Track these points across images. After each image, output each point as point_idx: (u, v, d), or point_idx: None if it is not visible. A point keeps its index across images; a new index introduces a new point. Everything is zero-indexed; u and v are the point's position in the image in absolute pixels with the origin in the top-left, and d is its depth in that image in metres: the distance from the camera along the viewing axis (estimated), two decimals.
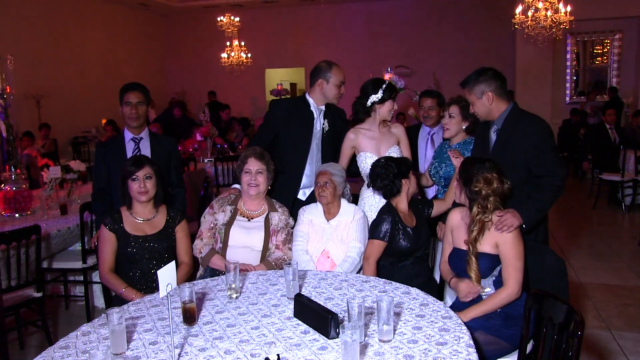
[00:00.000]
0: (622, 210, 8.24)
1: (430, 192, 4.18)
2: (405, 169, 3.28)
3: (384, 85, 3.72)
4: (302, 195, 3.97)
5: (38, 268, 3.80)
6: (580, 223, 7.76)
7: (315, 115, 3.89)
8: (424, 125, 4.52)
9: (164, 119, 11.40)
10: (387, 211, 3.25)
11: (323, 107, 3.91)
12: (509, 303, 2.67)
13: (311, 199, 3.90)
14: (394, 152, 3.74)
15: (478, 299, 2.74)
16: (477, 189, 2.71)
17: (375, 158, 3.66)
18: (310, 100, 3.88)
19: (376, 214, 3.39)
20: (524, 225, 2.84)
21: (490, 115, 3.25)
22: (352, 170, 3.85)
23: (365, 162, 3.70)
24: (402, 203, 3.29)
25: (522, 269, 2.68)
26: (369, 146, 3.75)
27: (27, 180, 4.78)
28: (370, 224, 3.36)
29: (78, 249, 4.51)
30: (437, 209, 3.46)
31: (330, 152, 3.96)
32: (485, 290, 2.73)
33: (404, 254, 3.20)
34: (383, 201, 3.40)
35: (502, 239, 2.68)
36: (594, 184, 8.83)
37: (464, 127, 3.70)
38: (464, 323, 2.23)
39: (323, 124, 3.92)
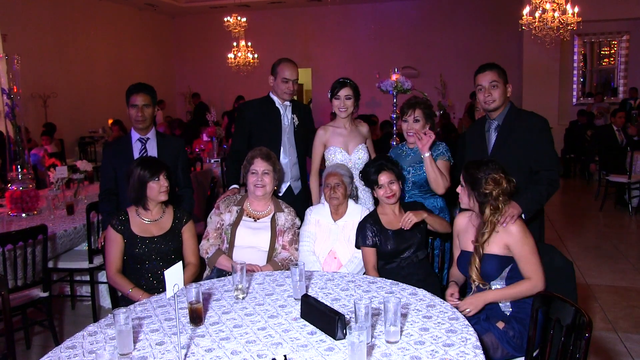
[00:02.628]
0: (629, 212, 8.20)
1: None
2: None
3: (334, 83, 3.83)
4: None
5: (44, 268, 3.80)
6: (587, 224, 7.73)
7: (281, 111, 4.01)
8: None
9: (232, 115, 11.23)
10: (366, 217, 3.32)
11: (288, 103, 4.04)
12: (530, 295, 2.62)
13: (288, 193, 3.99)
14: (362, 150, 3.83)
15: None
16: (487, 190, 2.69)
17: (344, 152, 3.78)
18: (274, 97, 4.02)
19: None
20: (523, 215, 2.85)
21: (499, 109, 3.31)
22: None
23: (335, 156, 3.80)
24: (385, 207, 3.30)
25: (540, 262, 2.66)
26: (338, 141, 3.84)
27: (33, 180, 4.79)
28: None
29: (84, 249, 4.52)
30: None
31: (303, 146, 4.12)
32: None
33: (389, 256, 3.22)
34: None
35: (512, 240, 2.67)
36: (601, 186, 8.80)
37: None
38: (472, 325, 2.22)
39: (293, 118, 4.04)
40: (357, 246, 3.28)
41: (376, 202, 3.50)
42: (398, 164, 3.41)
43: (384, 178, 3.20)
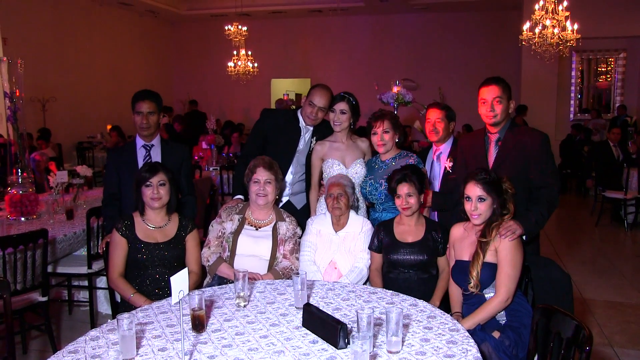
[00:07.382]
0: (625, 228, 8.25)
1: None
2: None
3: (334, 95, 3.83)
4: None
5: (44, 272, 3.81)
6: (583, 240, 7.77)
7: (302, 132, 3.96)
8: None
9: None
10: (383, 223, 3.39)
11: (310, 128, 3.97)
12: (501, 310, 2.72)
13: (290, 209, 3.89)
14: (359, 165, 3.80)
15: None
16: (505, 186, 2.85)
17: (342, 166, 3.77)
18: (300, 117, 3.96)
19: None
20: (524, 237, 2.87)
21: (501, 123, 3.30)
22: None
23: (332, 169, 3.78)
24: (403, 217, 3.31)
25: (516, 278, 2.72)
26: (335, 155, 3.83)
27: (33, 184, 4.79)
28: None
29: (83, 254, 4.52)
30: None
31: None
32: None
33: (392, 265, 3.25)
34: None
35: (502, 245, 2.74)
36: (597, 202, 8.85)
37: (396, 141, 3.69)
38: (471, 336, 2.24)
39: (311, 142, 3.98)
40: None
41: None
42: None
43: (403, 189, 3.20)
